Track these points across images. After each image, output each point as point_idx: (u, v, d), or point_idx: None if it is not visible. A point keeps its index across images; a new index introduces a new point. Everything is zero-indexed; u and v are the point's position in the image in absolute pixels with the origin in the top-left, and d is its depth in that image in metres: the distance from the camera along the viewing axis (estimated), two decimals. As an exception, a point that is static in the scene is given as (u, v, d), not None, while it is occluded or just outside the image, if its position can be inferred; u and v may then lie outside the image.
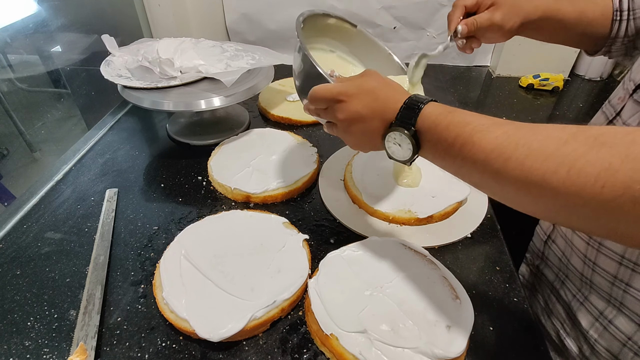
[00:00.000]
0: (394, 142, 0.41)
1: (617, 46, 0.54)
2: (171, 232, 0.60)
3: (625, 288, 0.45)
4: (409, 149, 0.40)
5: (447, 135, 0.36)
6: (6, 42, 1.09)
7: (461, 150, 0.35)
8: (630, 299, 0.45)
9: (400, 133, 0.39)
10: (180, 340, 0.46)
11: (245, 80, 0.76)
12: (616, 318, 0.47)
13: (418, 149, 0.40)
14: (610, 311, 0.48)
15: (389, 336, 0.43)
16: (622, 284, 0.45)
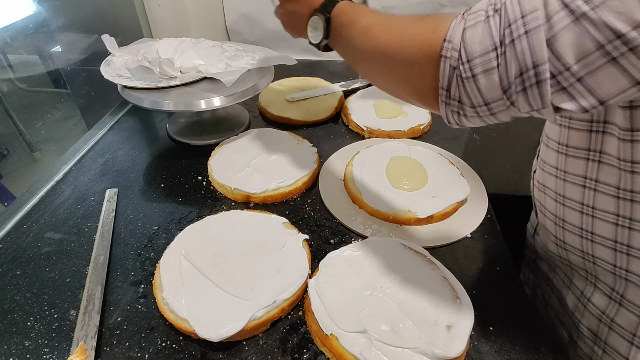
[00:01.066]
0: (313, 27, 0.52)
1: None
2: (171, 232, 0.60)
3: (593, 260, 0.47)
4: (321, 31, 0.50)
5: (344, 20, 0.48)
6: (6, 42, 1.09)
7: (348, 31, 0.47)
8: (601, 271, 0.47)
9: (319, 17, 0.50)
10: (180, 341, 0.46)
11: (245, 80, 0.76)
12: (593, 295, 0.49)
13: (328, 33, 0.50)
14: (588, 289, 0.49)
15: (389, 336, 0.43)
16: (590, 257, 0.47)
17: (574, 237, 0.48)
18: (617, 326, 0.46)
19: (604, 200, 0.42)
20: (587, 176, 0.44)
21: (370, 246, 0.53)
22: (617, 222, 0.42)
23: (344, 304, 0.46)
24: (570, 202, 0.47)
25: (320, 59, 1.24)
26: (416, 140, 0.81)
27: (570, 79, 0.30)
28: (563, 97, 0.31)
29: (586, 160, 0.43)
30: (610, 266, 0.45)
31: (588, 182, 0.44)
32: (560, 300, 0.55)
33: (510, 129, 0.89)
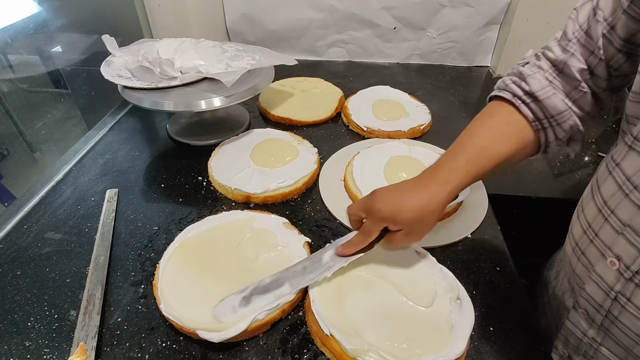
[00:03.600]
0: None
1: (552, 147, 0.50)
2: (171, 233, 0.60)
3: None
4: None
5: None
6: (6, 43, 1.09)
7: None
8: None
9: None
10: (181, 341, 0.46)
11: (245, 80, 0.76)
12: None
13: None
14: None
15: (389, 336, 0.43)
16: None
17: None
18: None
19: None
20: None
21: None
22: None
23: (344, 304, 0.46)
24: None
25: (320, 59, 1.24)
26: (416, 140, 0.81)
27: None
28: None
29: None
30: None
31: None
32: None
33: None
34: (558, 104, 0.46)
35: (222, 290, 0.47)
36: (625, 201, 0.38)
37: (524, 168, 0.75)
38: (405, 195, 0.46)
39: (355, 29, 1.17)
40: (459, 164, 0.46)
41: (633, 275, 0.37)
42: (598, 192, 0.42)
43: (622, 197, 0.38)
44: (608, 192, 0.40)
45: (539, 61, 0.49)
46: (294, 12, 1.15)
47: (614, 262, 0.39)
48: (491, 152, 0.47)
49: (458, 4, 1.09)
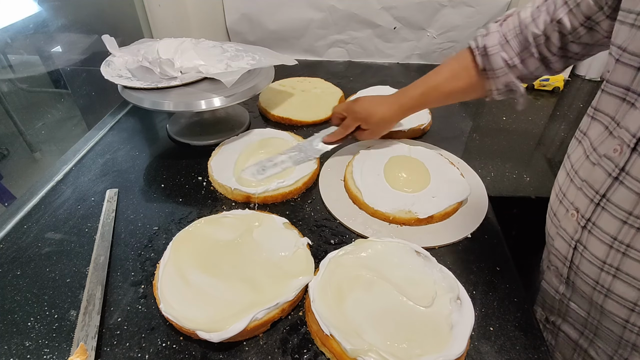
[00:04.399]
0: None
1: (496, 95, 0.63)
2: (171, 233, 0.60)
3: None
4: None
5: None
6: (6, 43, 1.09)
7: None
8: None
9: None
10: (181, 341, 0.46)
11: (245, 80, 0.76)
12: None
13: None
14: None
15: (389, 336, 0.43)
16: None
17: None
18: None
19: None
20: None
21: (370, 247, 0.53)
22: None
23: (344, 304, 0.46)
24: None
25: (320, 59, 1.24)
26: (416, 140, 0.81)
27: None
28: None
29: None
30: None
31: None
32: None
33: (510, 128, 0.89)
34: (498, 62, 0.58)
35: (222, 290, 0.47)
36: (586, 162, 0.45)
37: (524, 168, 0.75)
38: (377, 106, 0.69)
39: (355, 29, 1.17)
40: (416, 94, 0.67)
41: (586, 223, 0.44)
42: (568, 160, 0.49)
43: (584, 159, 0.45)
44: (575, 157, 0.47)
45: (511, 17, 0.59)
46: (294, 12, 1.15)
47: (573, 213, 0.46)
48: (443, 89, 0.65)
49: (458, 4, 1.09)
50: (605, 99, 0.43)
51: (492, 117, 0.93)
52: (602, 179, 0.42)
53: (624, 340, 0.46)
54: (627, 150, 0.39)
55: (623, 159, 0.39)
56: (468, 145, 0.83)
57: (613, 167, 0.41)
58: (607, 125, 0.43)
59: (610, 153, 0.41)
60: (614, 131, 0.42)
